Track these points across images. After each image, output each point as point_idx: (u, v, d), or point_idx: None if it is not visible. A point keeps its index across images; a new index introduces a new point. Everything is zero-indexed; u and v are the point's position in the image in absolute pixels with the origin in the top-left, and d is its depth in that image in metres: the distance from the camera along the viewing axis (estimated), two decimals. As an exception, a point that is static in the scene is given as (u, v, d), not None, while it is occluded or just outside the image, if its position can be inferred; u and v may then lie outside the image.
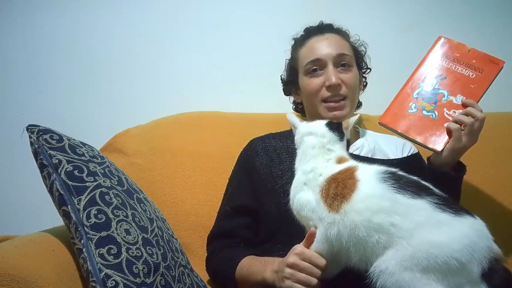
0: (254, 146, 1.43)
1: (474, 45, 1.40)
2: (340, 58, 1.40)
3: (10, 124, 1.83)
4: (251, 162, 1.41)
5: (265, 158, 1.39)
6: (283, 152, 1.40)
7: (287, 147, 1.40)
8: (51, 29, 1.89)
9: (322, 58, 1.40)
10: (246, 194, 1.38)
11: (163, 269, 1.07)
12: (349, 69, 1.41)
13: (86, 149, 1.16)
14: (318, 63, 1.40)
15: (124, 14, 1.91)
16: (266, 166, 1.38)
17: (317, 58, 1.40)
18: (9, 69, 1.88)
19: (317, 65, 1.40)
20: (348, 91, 1.39)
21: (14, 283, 0.92)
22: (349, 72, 1.41)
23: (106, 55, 1.90)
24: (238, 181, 1.42)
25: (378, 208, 0.98)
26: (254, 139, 1.47)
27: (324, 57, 1.39)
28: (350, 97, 1.40)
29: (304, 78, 1.44)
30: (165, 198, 1.55)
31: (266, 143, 1.43)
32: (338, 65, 1.40)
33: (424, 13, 1.91)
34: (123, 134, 1.67)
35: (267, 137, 1.46)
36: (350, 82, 1.40)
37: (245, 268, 1.26)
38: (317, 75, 1.40)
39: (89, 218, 1.02)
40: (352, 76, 1.41)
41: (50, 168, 1.06)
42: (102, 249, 1.00)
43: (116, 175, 1.17)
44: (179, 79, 1.91)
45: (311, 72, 1.41)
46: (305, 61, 1.43)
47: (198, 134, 1.68)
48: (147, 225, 1.13)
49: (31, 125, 1.11)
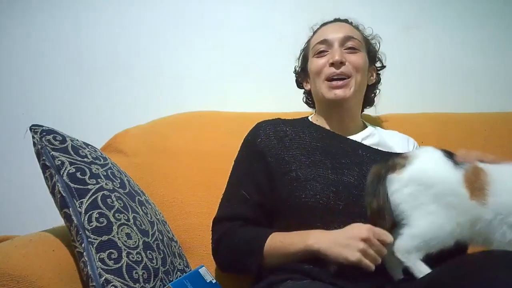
0: (264, 129, 1.37)
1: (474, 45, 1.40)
2: (347, 40, 1.39)
3: (10, 124, 1.82)
4: (262, 151, 1.33)
5: (275, 142, 1.33)
6: (294, 138, 1.35)
7: (298, 133, 1.36)
8: (51, 29, 1.88)
9: (329, 38, 1.39)
10: (259, 188, 1.31)
11: (162, 274, 1.07)
12: (356, 51, 1.39)
13: (89, 150, 1.16)
14: (325, 43, 1.40)
15: (124, 14, 1.90)
16: (277, 150, 1.32)
17: (324, 39, 1.40)
18: (9, 68, 1.88)
19: (324, 45, 1.40)
20: (353, 70, 1.36)
21: (14, 283, 0.92)
22: (355, 55, 1.38)
23: (106, 55, 1.89)
24: (250, 172, 1.34)
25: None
26: (262, 122, 1.41)
27: (331, 38, 1.39)
28: (355, 79, 1.36)
29: (312, 59, 1.43)
30: (164, 198, 1.54)
31: (276, 127, 1.38)
32: (345, 46, 1.39)
33: (424, 13, 1.90)
34: (122, 134, 1.66)
35: (276, 122, 1.40)
36: (355, 63, 1.37)
37: (278, 240, 1.20)
38: (322, 55, 1.39)
39: (90, 221, 1.02)
40: (358, 58, 1.38)
41: (53, 169, 1.06)
42: (102, 254, 1.00)
43: (118, 177, 1.17)
44: (178, 79, 1.90)
45: (318, 53, 1.40)
46: (314, 44, 1.43)
47: (198, 134, 1.68)
48: (148, 229, 1.13)
49: (35, 125, 1.11)
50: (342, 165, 1.28)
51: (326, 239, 1.13)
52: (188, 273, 1.10)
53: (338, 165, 1.27)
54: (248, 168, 1.35)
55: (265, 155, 1.32)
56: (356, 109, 1.44)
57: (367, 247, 1.08)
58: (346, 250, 1.09)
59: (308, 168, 1.27)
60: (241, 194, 1.32)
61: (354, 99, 1.38)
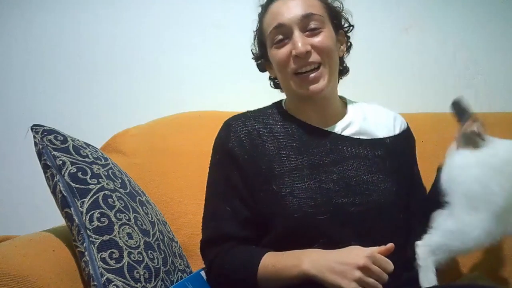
0: (235, 131, 1.24)
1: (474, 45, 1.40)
2: (307, 19, 1.17)
3: (10, 124, 1.83)
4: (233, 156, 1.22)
5: (248, 148, 1.21)
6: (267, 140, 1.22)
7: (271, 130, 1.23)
8: (51, 29, 1.88)
9: (285, 23, 1.17)
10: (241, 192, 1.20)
11: (163, 274, 1.07)
12: (320, 31, 1.18)
13: (90, 150, 1.16)
14: (282, 29, 1.18)
15: (124, 14, 1.90)
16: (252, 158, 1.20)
17: (279, 23, 1.18)
18: (9, 68, 1.88)
19: (281, 32, 1.18)
20: (322, 56, 1.17)
21: (14, 283, 0.92)
22: (320, 35, 1.17)
23: (106, 55, 1.89)
24: (227, 180, 1.22)
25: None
26: (231, 121, 1.27)
27: (288, 22, 1.17)
28: (327, 63, 1.18)
29: (271, 50, 1.22)
30: (163, 198, 1.54)
31: (248, 126, 1.24)
32: (306, 29, 1.18)
33: (424, 13, 1.91)
34: (122, 134, 1.66)
35: (246, 118, 1.27)
36: (323, 46, 1.17)
37: (270, 264, 1.11)
38: (283, 44, 1.19)
39: (92, 221, 1.02)
40: (324, 39, 1.17)
41: (54, 169, 1.06)
42: (104, 253, 1.00)
43: (119, 177, 1.17)
44: (178, 79, 1.90)
45: (276, 42, 1.20)
46: (268, 30, 1.21)
47: (197, 134, 1.67)
48: (149, 229, 1.13)
49: (36, 125, 1.11)
50: (320, 168, 1.17)
51: (321, 264, 1.05)
52: (189, 276, 1.10)
53: (316, 170, 1.17)
54: (226, 179, 1.22)
55: (241, 164, 1.21)
56: (333, 92, 1.27)
57: (364, 276, 1.00)
58: (341, 279, 1.02)
59: (284, 178, 1.16)
60: (226, 210, 1.21)
61: (330, 85, 1.20)
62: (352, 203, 1.15)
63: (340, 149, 1.20)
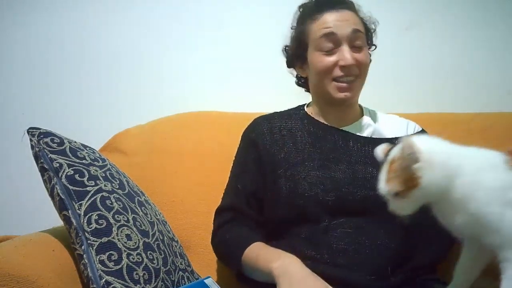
0: (259, 125, 1.42)
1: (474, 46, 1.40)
2: (354, 35, 1.33)
3: (10, 124, 1.83)
4: (255, 143, 1.39)
5: (268, 139, 1.38)
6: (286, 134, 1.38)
7: (291, 128, 1.39)
8: (51, 29, 1.89)
9: (337, 34, 1.32)
10: (252, 177, 1.37)
11: (163, 274, 1.07)
12: (362, 48, 1.35)
13: (87, 151, 1.15)
14: (333, 38, 1.32)
15: (124, 14, 1.91)
16: (270, 147, 1.36)
17: (331, 32, 1.32)
18: (9, 68, 1.88)
19: (332, 41, 1.32)
20: (361, 71, 1.34)
21: (14, 283, 0.92)
22: (362, 52, 1.35)
23: (106, 55, 1.89)
24: (244, 163, 1.41)
25: None
26: (258, 118, 1.46)
27: (339, 34, 1.32)
28: (362, 77, 1.36)
29: (315, 53, 1.35)
30: (164, 198, 1.54)
31: (272, 123, 1.41)
32: (352, 44, 1.33)
33: (424, 13, 1.90)
34: (122, 134, 1.67)
35: (272, 117, 1.44)
36: (363, 62, 1.35)
37: (254, 252, 1.23)
38: (331, 53, 1.33)
39: (89, 223, 1.02)
40: (364, 56, 1.35)
41: (51, 172, 1.05)
42: (102, 255, 1.00)
43: (117, 178, 1.17)
44: (179, 79, 1.91)
45: (325, 49, 1.33)
46: (318, 35, 1.34)
47: (198, 134, 1.68)
48: (148, 229, 1.13)
49: (32, 128, 1.11)
50: (330, 160, 1.31)
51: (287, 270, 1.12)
52: (193, 283, 1.10)
53: (326, 162, 1.31)
54: (244, 163, 1.41)
55: (259, 153, 1.37)
56: (356, 100, 1.43)
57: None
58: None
59: (299, 167, 1.31)
60: (237, 188, 1.39)
61: (357, 94, 1.40)
62: (356, 193, 1.25)
63: (350, 145, 1.34)
